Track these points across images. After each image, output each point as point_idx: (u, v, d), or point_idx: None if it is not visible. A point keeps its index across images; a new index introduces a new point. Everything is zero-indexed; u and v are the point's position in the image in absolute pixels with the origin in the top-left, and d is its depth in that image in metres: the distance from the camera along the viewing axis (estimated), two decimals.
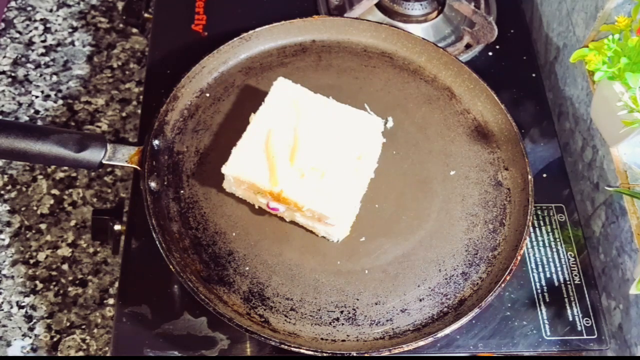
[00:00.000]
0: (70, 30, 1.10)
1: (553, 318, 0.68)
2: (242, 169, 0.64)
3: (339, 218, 0.64)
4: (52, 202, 0.93)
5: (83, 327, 0.84)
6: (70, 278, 0.88)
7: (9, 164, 0.96)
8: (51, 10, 1.12)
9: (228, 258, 0.66)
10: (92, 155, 0.67)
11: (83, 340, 0.84)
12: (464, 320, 0.61)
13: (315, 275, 0.65)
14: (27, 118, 1.00)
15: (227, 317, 0.60)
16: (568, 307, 0.69)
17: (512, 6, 0.93)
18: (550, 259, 0.72)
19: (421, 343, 0.60)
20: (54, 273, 0.88)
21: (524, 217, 0.68)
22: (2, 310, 0.85)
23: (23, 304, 0.86)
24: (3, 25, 1.09)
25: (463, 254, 0.67)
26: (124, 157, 0.68)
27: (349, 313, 0.63)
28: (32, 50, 1.07)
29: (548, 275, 0.71)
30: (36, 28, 1.09)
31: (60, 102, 1.02)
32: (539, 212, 0.75)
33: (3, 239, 0.90)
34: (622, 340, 0.70)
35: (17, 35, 1.09)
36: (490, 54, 0.88)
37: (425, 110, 0.76)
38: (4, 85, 1.03)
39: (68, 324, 0.85)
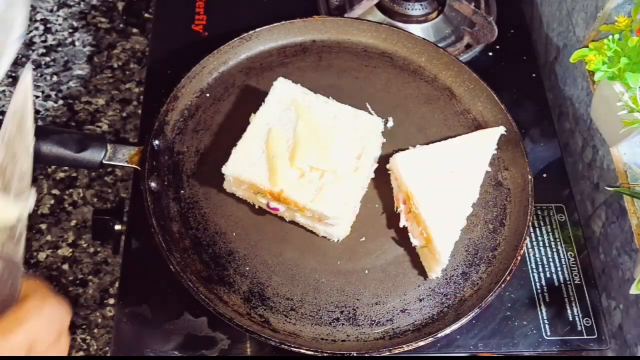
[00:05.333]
0: (70, 30, 1.10)
1: (553, 318, 0.68)
2: (242, 169, 0.64)
3: (339, 218, 0.64)
4: (52, 202, 0.93)
5: (83, 327, 0.84)
6: (71, 278, 0.88)
7: None
8: (51, 11, 1.12)
9: (228, 258, 0.66)
10: (93, 155, 0.67)
11: (83, 340, 0.84)
12: (464, 320, 0.61)
13: (315, 275, 0.65)
14: None
15: (227, 317, 0.60)
16: (568, 307, 0.69)
17: (512, 6, 0.93)
18: (551, 259, 0.72)
19: (421, 343, 0.60)
20: (54, 273, 0.88)
21: (524, 217, 0.68)
22: None
23: None
24: None
25: (463, 254, 0.67)
26: (124, 157, 0.68)
27: (349, 313, 0.63)
28: (33, 51, 1.07)
29: (548, 275, 0.71)
30: (37, 28, 1.09)
31: (61, 102, 1.02)
32: (539, 212, 0.75)
33: None
34: (622, 340, 0.70)
35: None
36: (490, 54, 0.88)
37: (426, 110, 0.76)
38: (4, 85, 1.03)
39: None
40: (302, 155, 0.65)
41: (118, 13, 1.12)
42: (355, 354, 0.60)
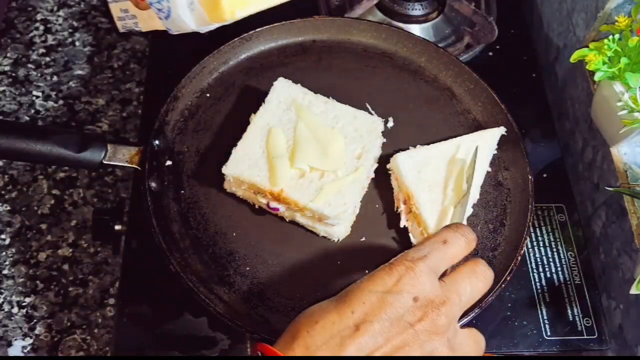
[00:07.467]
0: (70, 30, 1.10)
1: (553, 318, 0.68)
2: (242, 169, 0.65)
3: (339, 218, 0.64)
4: (52, 202, 0.93)
5: (83, 327, 0.84)
6: (71, 278, 0.88)
7: (10, 164, 0.96)
8: (52, 11, 1.12)
9: (228, 258, 0.66)
10: (93, 155, 0.67)
11: (83, 340, 0.84)
12: (464, 321, 0.61)
13: (315, 275, 0.65)
14: (28, 118, 1.00)
15: (227, 317, 0.60)
16: (568, 307, 0.69)
17: (512, 6, 0.93)
18: (551, 259, 0.72)
19: None
20: (54, 273, 0.88)
21: (525, 217, 0.68)
22: (3, 310, 0.85)
23: (24, 304, 0.86)
24: (4, 25, 1.09)
25: None
26: (125, 157, 0.68)
27: None
28: (33, 51, 1.07)
29: (548, 275, 0.71)
30: (37, 28, 1.09)
31: (61, 102, 1.02)
32: (540, 212, 0.75)
33: (4, 239, 0.90)
34: (622, 340, 0.70)
35: (18, 35, 1.09)
36: (490, 54, 0.88)
37: (426, 111, 0.76)
38: (4, 85, 1.03)
39: (68, 324, 0.85)
40: (302, 155, 0.65)
41: None
42: None
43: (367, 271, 0.65)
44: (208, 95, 0.76)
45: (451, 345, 0.49)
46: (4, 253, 0.89)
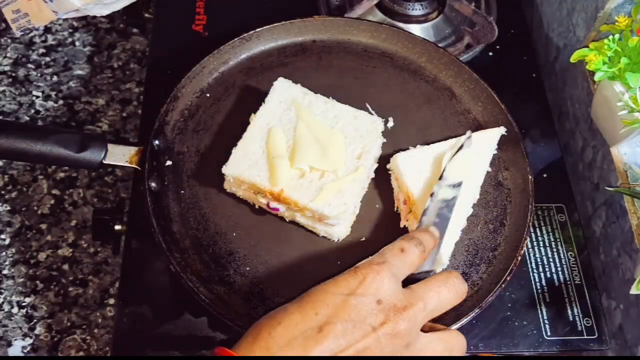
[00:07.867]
0: (70, 30, 1.10)
1: (553, 318, 0.68)
2: (242, 169, 0.65)
3: (339, 218, 0.64)
4: (52, 202, 0.93)
5: (83, 327, 0.84)
6: (71, 278, 0.88)
7: (10, 164, 0.96)
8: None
9: (228, 258, 0.66)
10: (93, 155, 0.67)
11: (83, 340, 0.84)
12: (464, 321, 0.61)
13: (315, 275, 0.65)
14: (28, 118, 1.00)
15: (227, 317, 0.60)
16: (568, 307, 0.69)
17: (512, 6, 0.93)
18: (551, 259, 0.72)
19: None
20: (54, 273, 0.88)
21: (525, 217, 0.68)
22: (3, 310, 0.85)
23: (24, 304, 0.86)
24: (4, 25, 1.09)
25: (463, 254, 0.67)
26: (125, 157, 0.68)
27: None
28: (33, 51, 1.07)
29: (548, 275, 0.71)
30: (37, 28, 1.09)
31: (61, 102, 1.02)
32: (540, 212, 0.75)
33: (4, 239, 0.90)
34: (622, 340, 0.70)
35: (18, 35, 1.09)
36: (490, 54, 0.88)
37: (426, 111, 0.76)
38: (4, 85, 1.03)
39: (68, 324, 0.85)
40: (302, 155, 0.65)
41: (118, 13, 1.12)
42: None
43: None
44: (208, 95, 0.76)
45: (411, 349, 0.50)
46: (4, 253, 0.89)
